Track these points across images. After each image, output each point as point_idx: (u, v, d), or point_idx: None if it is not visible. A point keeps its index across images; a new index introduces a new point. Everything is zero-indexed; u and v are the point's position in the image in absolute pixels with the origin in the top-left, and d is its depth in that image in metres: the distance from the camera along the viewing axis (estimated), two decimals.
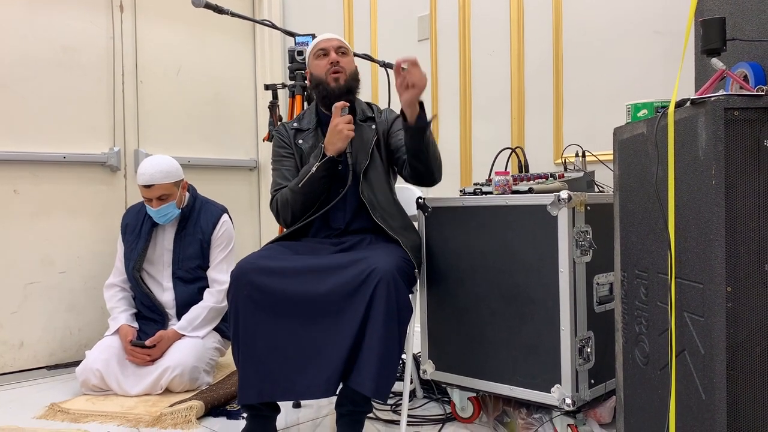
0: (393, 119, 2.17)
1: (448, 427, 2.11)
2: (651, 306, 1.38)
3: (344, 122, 1.98)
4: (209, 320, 2.63)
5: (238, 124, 3.71)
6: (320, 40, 2.12)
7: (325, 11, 3.62)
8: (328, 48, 2.09)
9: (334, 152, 1.99)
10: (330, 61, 2.08)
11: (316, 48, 2.11)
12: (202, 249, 2.71)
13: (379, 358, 1.71)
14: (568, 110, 2.62)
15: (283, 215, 2.09)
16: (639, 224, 1.42)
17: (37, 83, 2.91)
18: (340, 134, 1.98)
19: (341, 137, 1.98)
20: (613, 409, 1.96)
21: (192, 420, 2.18)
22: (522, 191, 1.97)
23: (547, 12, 2.67)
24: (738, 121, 1.12)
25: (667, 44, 2.30)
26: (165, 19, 3.37)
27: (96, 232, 3.08)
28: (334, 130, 1.98)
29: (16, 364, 2.84)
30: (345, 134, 1.97)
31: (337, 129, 1.98)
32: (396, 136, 2.14)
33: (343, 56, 2.10)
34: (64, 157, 2.97)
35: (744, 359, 1.13)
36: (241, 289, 1.82)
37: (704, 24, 1.24)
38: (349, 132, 1.98)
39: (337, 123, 1.98)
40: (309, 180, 1.99)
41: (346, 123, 1.98)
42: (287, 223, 2.10)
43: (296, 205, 2.04)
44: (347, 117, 1.99)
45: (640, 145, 1.39)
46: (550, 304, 1.85)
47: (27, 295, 2.88)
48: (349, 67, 2.11)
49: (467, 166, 2.98)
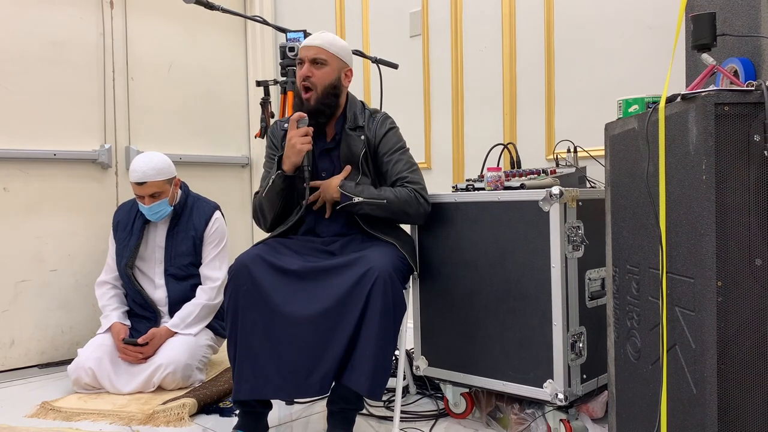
0: (382, 135, 2.06)
1: (441, 422, 2.12)
2: (642, 301, 1.38)
3: (299, 135, 1.91)
4: (202, 317, 2.62)
5: (229, 121, 3.70)
6: (302, 46, 2.01)
7: (317, 7, 3.61)
8: (304, 58, 1.98)
9: (289, 166, 1.93)
10: (302, 74, 1.98)
11: (299, 54, 2.01)
12: (194, 246, 2.69)
13: (374, 357, 1.71)
14: (560, 106, 2.62)
15: (256, 219, 2.09)
16: (630, 219, 1.42)
17: (27, 79, 2.89)
18: (293, 149, 1.91)
19: (294, 152, 1.91)
20: (605, 403, 1.97)
21: (185, 417, 2.18)
22: (514, 187, 1.97)
23: (538, 8, 2.67)
24: (728, 116, 1.12)
25: (658, 40, 2.31)
26: (156, 15, 3.34)
27: (87, 229, 3.06)
28: (288, 143, 1.92)
29: (7, 363, 2.83)
30: (298, 149, 1.91)
31: (290, 143, 1.91)
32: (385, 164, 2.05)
33: (319, 68, 1.97)
34: (54, 155, 2.95)
35: (734, 353, 1.13)
36: (242, 284, 1.81)
37: (695, 20, 1.24)
38: (303, 146, 1.91)
39: (292, 136, 1.91)
40: (269, 191, 1.98)
41: (301, 136, 1.91)
42: (261, 226, 2.09)
43: (264, 212, 2.04)
44: (303, 130, 1.92)
45: (631, 141, 1.39)
46: (542, 299, 1.85)
47: (18, 293, 2.86)
48: (323, 82, 1.97)
49: (459, 162, 2.98)
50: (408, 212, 1.98)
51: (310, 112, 1.98)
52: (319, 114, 1.99)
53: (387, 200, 1.94)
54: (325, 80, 1.98)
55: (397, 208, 1.96)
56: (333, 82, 1.99)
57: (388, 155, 2.04)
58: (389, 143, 2.06)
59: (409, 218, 2.01)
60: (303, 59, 1.99)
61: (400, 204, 1.96)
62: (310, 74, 1.96)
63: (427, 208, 2.02)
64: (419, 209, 1.99)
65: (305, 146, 1.91)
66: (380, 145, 2.05)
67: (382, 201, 1.93)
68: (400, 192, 1.97)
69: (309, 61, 1.97)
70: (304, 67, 1.98)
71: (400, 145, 2.08)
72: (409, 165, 2.04)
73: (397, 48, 3.21)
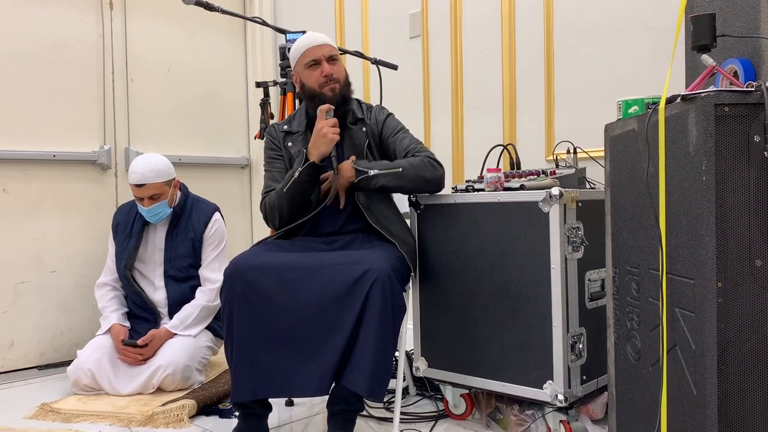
0: (383, 121, 2.12)
1: (441, 424, 2.12)
2: (642, 302, 1.38)
3: (329, 125, 1.93)
4: (201, 319, 2.62)
5: (229, 122, 3.70)
6: (309, 48, 2.03)
7: (316, 8, 3.61)
8: (320, 58, 2.02)
9: (317, 156, 1.94)
10: (324, 74, 2.01)
11: (306, 56, 2.03)
12: (193, 248, 2.69)
13: (374, 357, 1.71)
14: (560, 107, 2.62)
15: (272, 218, 2.06)
16: (630, 220, 1.42)
17: (26, 80, 2.89)
18: (324, 138, 1.92)
19: (326, 141, 1.92)
20: (605, 404, 1.96)
21: (184, 419, 2.17)
22: (514, 188, 1.97)
23: (538, 9, 2.67)
24: (728, 117, 1.12)
25: (658, 41, 2.31)
26: (155, 16, 3.35)
27: (87, 230, 3.06)
28: (318, 133, 1.94)
29: (6, 364, 2.82)
30: (330, 138, 1.92)
31: (321, 132, 1.93)
32: (391, 144, 2.10)
33: (334, 64, 2.04)
34: (53, 156, 2.95)
35: (735, 354, 1.13)
36: (236, 287, 1.81)
37: (694, 20, 1.24)
38: (334, 136, 1.93)
39: (322, 126, 1.93)
40: (293, 185, 1.96)
41: (331, 126, 1.93)
42: (275, 226, 2.07)
43: (282, 210, 2.01)
44: (332, 120, 1.94)
45: (631, 142, 1.39)
46: (542, 300, 1.85)
47: (17, 294, 2.86)
48: (341, 75, 2.05)
49: (459, 163, 2.98)
50: (426, 177, 2.01)
51: (339, 101, 2.03)
52: (346, 102, 2.07)
53: (402, 168, 1.97)
54: (343, 73, 2.08)
55: (414, 174, 1.99)
56: (346, 75, 2.09)
57: (392, 136, 2.10)
58: (391, 126, 2.13)
59: (428, 184, 2.03)
60: (318, 59, 2.02)
61: (415, 170, 1.99)
62: (332, 71, 2.03)
63: (443, 171, 2.06)
64: (435, 173, 2.03)
65: (336, 136, 1.94)
66: (383, 130, 2.12)
67: (397, 169, 1.96)
68: (413, 160, 2.02)
69: (326, 59, 2.03)
70: (324, 66, 2.02)
71: (401, 126, 2.15)
72: (415, 141, 2.10)
73: (397, 49, 3.21)
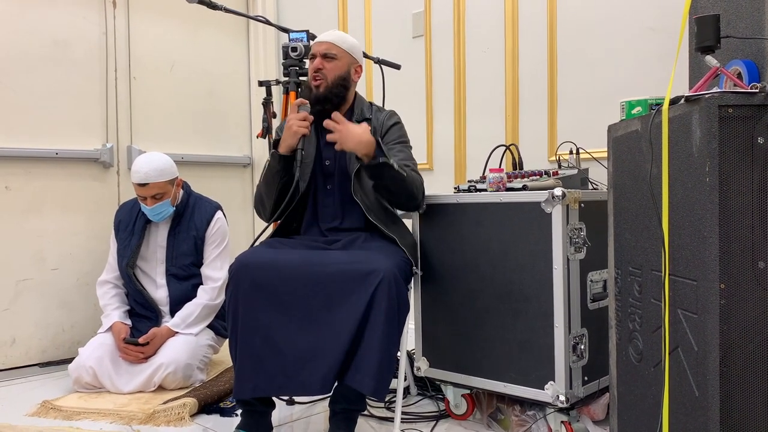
0: (389, 126, 2.13)
1: (442, 424, 2.12)
2: (645, 303, 1.38)
3: (297, 118, 1.96)
4: (203, 317, 2.62)
5: (231, 121, 3.70)
6: (314, 43, 2.10)
7: (319, 7, 3.61)
8: (316, 53, 2.07)
9: (285, 148, 1.98)
10: (313, 67, 2.06)
11: (311, 50, 2.10)
12: (195, 246, 2.69)
13: (379, 357, 1.71)
14: (563, 107, 2.62)
15: (261, 207, 2.12)
16: (633, 221, 1.42)
17: (29, 78, 2.89)
18: (289, 130, 1.96)
19: (290, 134, 1.96)
20: (606, 405, 1.96)
21: (185, 417, 2.18)
22: (516, 188, 1.97)
23: (541, 9, 2.67)
24: (732, 119, 1.12)
25: (662, 42, 2.31)
26: (158, 15, 3.35)
27: (88, 228, 3.06)
28: (286, 125, 1.98)
29: (8, 362, 2.83)
30: (294, 131, 1.95)
31: (287, 125, 1.97)
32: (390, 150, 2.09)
33: (330, 61, 2.05)
34: (56, 153, 2.95)
35: (737, 356, 1.13)
36: (241, 284, 1.82)
37: (698, 21, 1.24)
38: (299, 129, 1.95)
39: (290, 119, 1.97)
40: (268, 174, 2.03)
41: (299, 120, 1.96)
42: (265, 215, 2.12)
43: (263, 198, 2.08)
44: (302, 114, 1.97)
45: (634, 143, 1.39)
46: (543, 301, 1.85)
47: (19, 291, 2.86)
48: (333, 74, 2.04)
49: (461, 163, 2.98)
50: (416, 196, 2.03)
51: (318, 98, 2.03)
52: (326, 101, 2.04)
53: (407, 175, 1.97)
54: (335, 72, 2.05)
55: (411, 186, 1.99)
56: (342, 74, 2.07)
57: (391, 144, 2.10)
58: (393, 134, 2.12)
59: (413, 202, 2.04)
60: (315, 54, 2.07)
61: (414, 184, 2.00)
62: (321, 67, 2.04)
63: (423, 202, 2.10)
64: (419, 199, 2.06)
65: (301, 129, 1.95)
66: (385, 136, 2.11)
67: (403, 173, 1.95)
68: (413, 174, 2.03)
69: (321, 55, 2.05)
70: (315, 61, 2.05)
71: (403, 139, 2.14)
72: (410, 158, 2.11)
73: (400, 49, 3.21)
